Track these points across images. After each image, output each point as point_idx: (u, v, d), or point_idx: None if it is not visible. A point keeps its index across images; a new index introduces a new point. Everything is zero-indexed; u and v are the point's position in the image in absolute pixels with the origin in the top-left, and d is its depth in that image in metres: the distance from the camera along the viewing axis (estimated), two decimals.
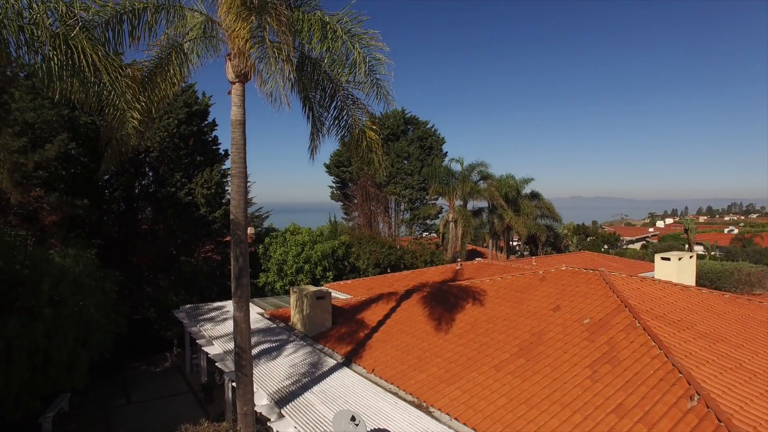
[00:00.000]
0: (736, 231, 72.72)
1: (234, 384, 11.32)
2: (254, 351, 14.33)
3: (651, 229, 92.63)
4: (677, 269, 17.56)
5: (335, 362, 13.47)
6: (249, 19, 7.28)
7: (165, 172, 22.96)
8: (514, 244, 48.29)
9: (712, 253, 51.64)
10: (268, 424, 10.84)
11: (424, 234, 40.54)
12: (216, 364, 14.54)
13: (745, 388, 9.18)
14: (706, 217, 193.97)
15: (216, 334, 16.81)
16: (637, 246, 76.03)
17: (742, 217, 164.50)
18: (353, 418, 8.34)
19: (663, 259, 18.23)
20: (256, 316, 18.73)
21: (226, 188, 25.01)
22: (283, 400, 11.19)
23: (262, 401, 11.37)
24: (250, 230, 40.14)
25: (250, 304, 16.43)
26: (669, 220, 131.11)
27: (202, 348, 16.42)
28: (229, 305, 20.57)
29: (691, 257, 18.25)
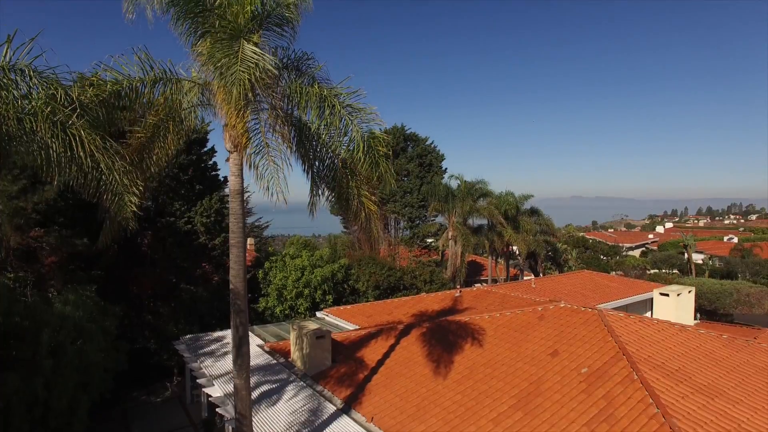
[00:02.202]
0: (735, 239, 72.75)
1: None
2: (254, 393, 14.36)
3: (651, 235, 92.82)
4: (676, 305, 17.63)
5: (335, 408, 13.50)
6: (245, 115, 7.29)
7: (164, 201, 23.01)
8: (514, 248, 48.30)
9: (710, 262, 51.71)
10: None
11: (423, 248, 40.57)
12: (217, 409, 14.57)
13: None
14: (706, 219, 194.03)
15: (216, 372, 16.84)
16: (637, 253, 76.19)
17: (743, 220, 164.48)
18: None
19: (662, 294, 18.30)
20: (256, 349, 18.74)
21: (226, 214, 25.05)
22: None
23: None
24: (250, 241, 40.08)
25: (250, 333, 16.50)
26: (669, 224, 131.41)
27: (203, 389, 16.45)
28: (228, 336, 20.59)
29: (690, 292, 18.32)
